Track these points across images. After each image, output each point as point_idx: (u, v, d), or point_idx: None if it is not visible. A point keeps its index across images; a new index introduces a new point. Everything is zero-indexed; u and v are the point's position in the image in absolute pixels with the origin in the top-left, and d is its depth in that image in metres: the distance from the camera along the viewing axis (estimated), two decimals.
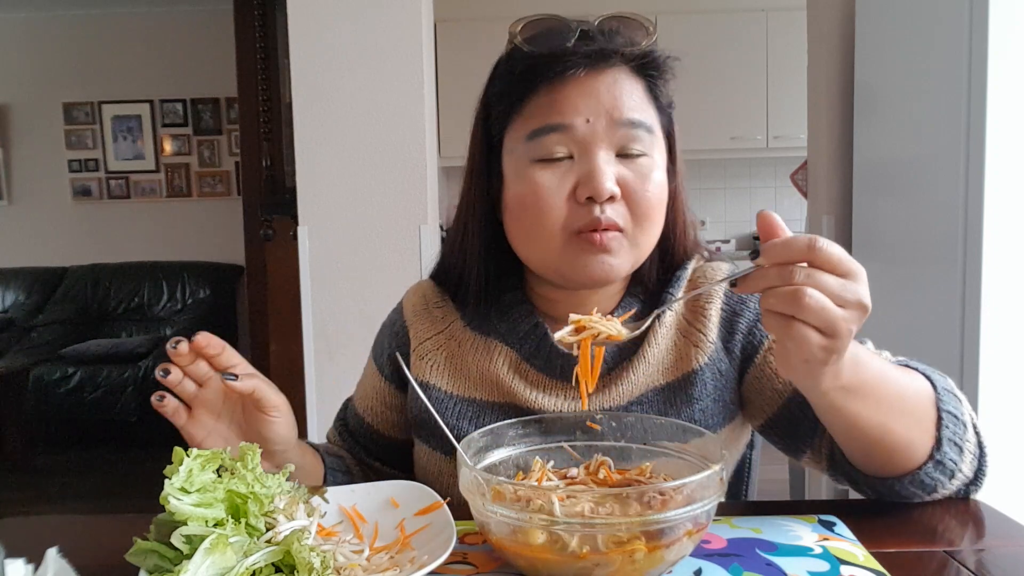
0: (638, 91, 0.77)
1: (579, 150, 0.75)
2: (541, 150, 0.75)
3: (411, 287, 0.97)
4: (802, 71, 2.55)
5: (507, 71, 0.80)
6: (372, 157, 2.10)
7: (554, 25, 0.78)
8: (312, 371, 2.14)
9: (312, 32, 2.07)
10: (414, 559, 0.59)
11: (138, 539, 0.55)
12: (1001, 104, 1.62)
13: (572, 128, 0.74)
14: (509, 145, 0.79)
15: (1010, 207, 1.64)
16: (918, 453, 0.68)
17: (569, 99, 0.75)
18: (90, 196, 4.93)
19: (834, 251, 0.55)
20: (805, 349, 0.56)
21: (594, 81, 0.75)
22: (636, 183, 0.75)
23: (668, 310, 0.84)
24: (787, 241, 0.56)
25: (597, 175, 0.73)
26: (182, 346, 0.71)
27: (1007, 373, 1.65)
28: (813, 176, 2.44)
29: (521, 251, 0.82)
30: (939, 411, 0.68)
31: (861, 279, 0.56)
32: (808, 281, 0.55)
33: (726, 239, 4.61)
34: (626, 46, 0.76)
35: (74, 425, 4.03)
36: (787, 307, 0.55)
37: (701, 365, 0.82)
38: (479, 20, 4.16)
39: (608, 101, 0.75)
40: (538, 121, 0.75)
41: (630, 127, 0.75)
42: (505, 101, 0.79)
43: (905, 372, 0.69)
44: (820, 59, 2.36)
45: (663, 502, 0.56)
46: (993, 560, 0.63)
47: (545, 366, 0.83)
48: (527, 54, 0.76)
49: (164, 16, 4.78)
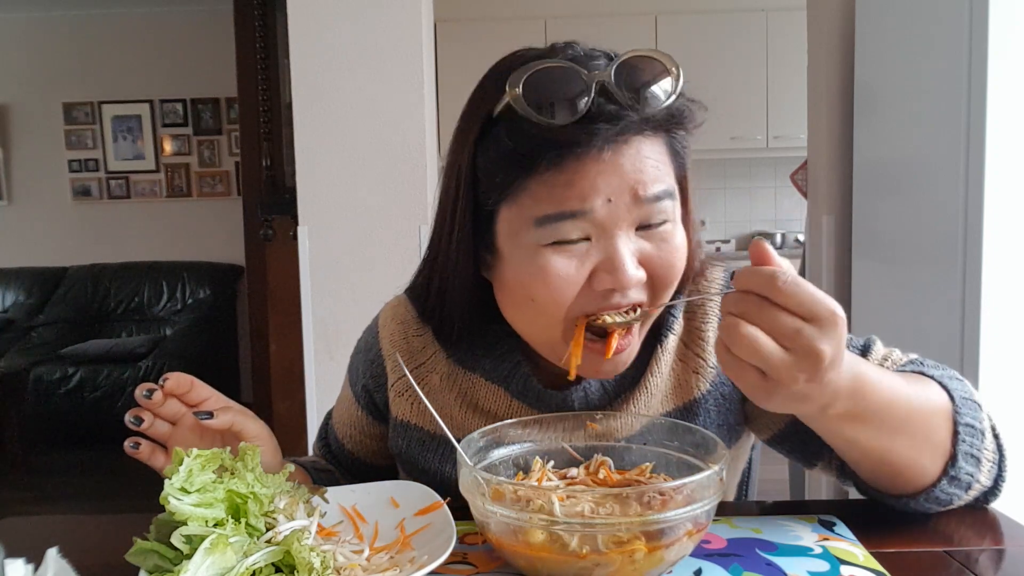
0: (660, 152, 0.66)
1: (597, 232, 0.64)
2: (553, 235, 0.64)
3: (386, 308, 0.88)
4: (802, 71, 2.55)
5: (507, 141, 0.65)
6: (372, 157, 2.09)
7: (565, 78, 0.63)
8: (312, 371, 2.14)
9: (312, 32, 2.07)
10: (414, 559, 0.59)
11: (138, 539, 0.55)
12: (1001, 104, 1.62)
13: (591, 212, 0.63)
14: (509, 223, 0.67)
15: (1010, 207, 1.64)
16: (929, 471, 0.64)
17: (588, 179, 0.62)
18: (90, 196, 4.93)
19: (799, 290, 0.51)
20: (740, 383, 0.54)
21: (617, 156, 0.63)
22: (660, 258, 0.67)
23: (671, 334, 0.79)
24: (754, 270, 0.53)
25: (621, 265, 0.64)
26: (156, 396, 0.69)
27: (1007, 373, 1.65)
28: (813, 176, 2.44)
29: (514, 326, 0.74)
30: (955, 425, 0.64)
31: (827, 325, 0.51)
32: (755, 315, 0.52)
33: (726, 239, 4.61)
34: (652, 103, 0.63)
35: (74, 425, 4.03)
36: (724, 335, 0.53)
37: (703, 393, 0.78)
38: (479, 20, 4.17)
39: (633, 176, 0.63)
40: (550, 206, 0.64)
41: (655, 201, 0.65)
42: (503, 176, 0.65)
43: (918, 386, 0.64)
44: (820, 59, 2.36)
45: (663, 502, 0.56)
46: (993, 560, 0.63)
47: (537, 404, 0.78)
48: (532, 123, 0.62)
49: (164, 16, 4.78)
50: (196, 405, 0.71)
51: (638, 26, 4.23)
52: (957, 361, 1.69)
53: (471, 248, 0.71)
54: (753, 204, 4.72)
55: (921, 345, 1.82)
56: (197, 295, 4.68)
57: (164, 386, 0.69)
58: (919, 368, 0.70)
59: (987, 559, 0.62)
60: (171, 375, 0.70)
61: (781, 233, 4.52)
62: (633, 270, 0.65)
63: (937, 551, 0.63)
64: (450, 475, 0.79)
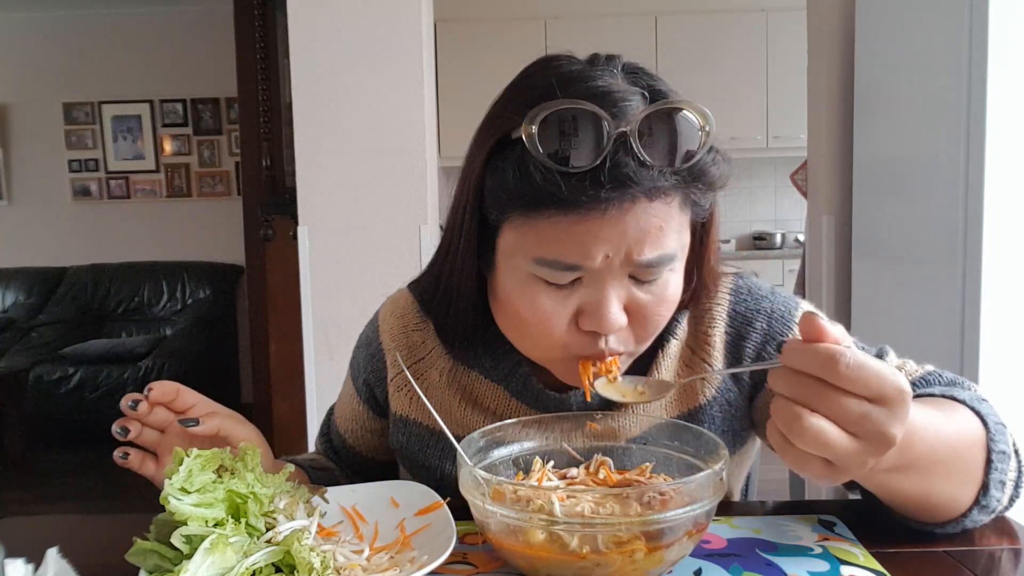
0: (671, 211, 0.63)
1: (589, 278, 0.64)
2: (548, 276, 0.64)
3: (388, 302, 0.89)
4: (802, 71, 2.55)
5: (516, 172, 0.62)
6: (372, 157, 2.10)
7: (585, 124, 0.59)
8: (312, 371, 2.14)
9: (312, 32, 2.07)
10: (414, 559, 0.59)
11: (138, 539, 0.55)
12: (1001, 104, 1.62)
13: (590, 268, 0.63)
14: (508, 244, 0.66)
15: (1010, 207, 1.64)
16: (962, 504, 0.62)
17: (590, 234, 0.61)
18: (90, 196, 4.93)
19: (865, 373, 0.47)
20: (804, 472, 0.50)
21: (622, 214, 0.60)
22: (648, 308, 0.66)
23: (673, 338, 0.78)
24: (809, 348, 0.48)
25: (605, 312, 0.64)
26: (142, 407, 0.69)
27: (1007, 373, 1.65)
28: (813, 176, 2.44)
29: (505, 335, 0.74)
30: (989, 452, 0.61)
31: (895, 406, 0.47)
32: (818, 402, 0.47)
33: (726, 239, 4.61)
34: (672, 166, 0.60)
35: (74, 425, 4.02)
36: (783, 427, 0.49)
37: (708, 399, 0.77)
38: (479, 20, 4.17)
39: (634, 237, 0.61)
40: (548, 251, 0.63)
41: (649, 266, 0.63)
42: (507, 203, 0.64)
43: (956, 419, 0.61)
44: (820, 59, 2.36)
45: (663, 502, 0.56)
46: (993, 560, 0.63)
47: (536, 404, 0.79)
48: (545, 167, 0.60)
49: (164, 16, 4.78)
50: (183, 412, 0.71)
51: (638, 26, 4.23)
52: (957, 361, 1.69)
53: (475, 251, 0.70)
54: (753, 204, 4.72)
55: (921, 345, 1.82)
56: (197, 295, 4.68)
57: (149, 396, 0.69)
58: (947, 390, 0.67)
59: (987, 559, 0.62)
60: (155, 384, 0.70)
61: (781, 233, 4.52)
62: (616, 316, 0.64)
63: (937, 551, 0.63)
64: (450, 472, 0.79)
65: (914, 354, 0.77)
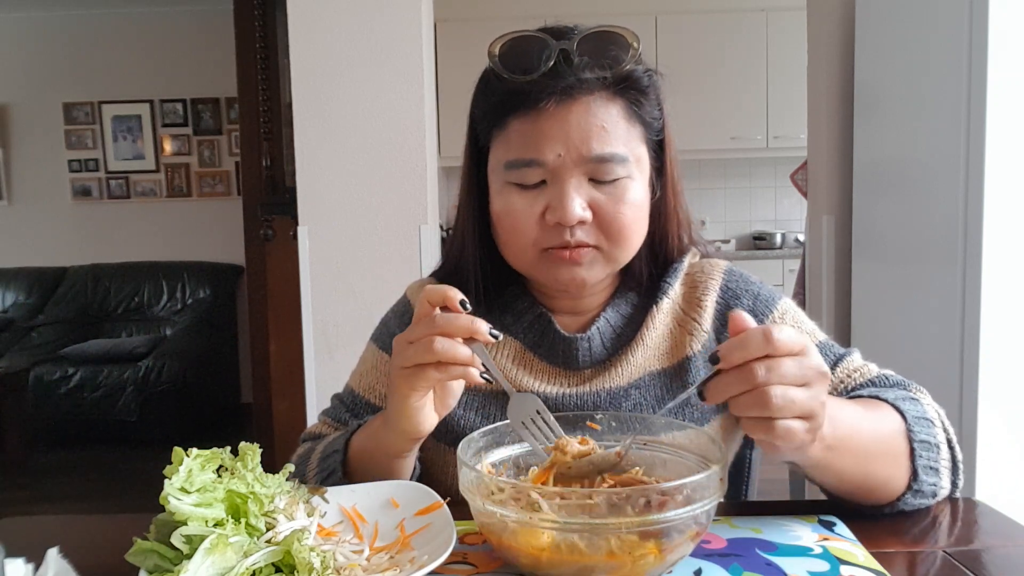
0: (614, 117, 0.76)
1: (551, 177, 0.77)
2: (516, 177, 0.78)
3: (412, 284, 0.98)
4: (802, 71, 2.55)
5: (486, 93, 0.81)
6: (372, 157, 2.10)
7: (532, 47, 0.76)
8: (312, 371, 2.14)
9: (312, 32, 2.07)
10: (414, 559, 0.59)
11: (138, 539, 0.55)
12: (1001, 104, 1.62)
13: (544, 162, 0.75)
14: (492, 162, 0.81)
15: (1010, 207, 1.64)
16: (898, 486, 0.69)
17: (541, 132, 0.75)
18: (90, 196, 4.92)
19: (785, 335, 0.55)
20: (793, 439, 0.57)
21: (566, 112, 0.75)
22: (609, 206, 0.77)
23: (664, 297, 0.87)
24: (742, 340, 0.56)
25: (565, 203, 0.75)
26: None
27: (1007, 373, 1.65)
28: (813, 176, 2.44)
29: (506, 257, 0.84)
30: (911, 443, 0.70)
31: (811, 348, 0.57)
32: (769, 378, 0.55)
33: (726, 239, 4.61)
34: (604, 68, 0.75)
35: (74, 425, 4.03)
36: (760, 410, 0.55)
37: (695, 352, 0.85)
38: (479, 20, 4.17)
39: (577, 136, 0.75)
40: (513, 153, 0.77)
41: (599, 162, 0.75)
42: (485, 123, 0.81)
43: (873, 410, 0.71)
44: (820, 59, 2.36)
45: (663, 502, 0.56)
46: (993, 560, 0.63)
47: (548, 354, 0.86)
48: (502, 79, 0.76)
49: (164, 16, 4.78)
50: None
51: (638, 26, 4.16)
52: (957, 361, 1.69)
53: (476, 185, 0.84)
54: (753, 204, 4.72)
55: (921, 345, 1.82)
56: (197, 295, 4.68)
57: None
58: (877, 391, 0.76)
59: (987, 559, 0.63)
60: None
61: (781, 233, 4.52)
62: (576, 209, 0.75)
63: (937, 551, 0.63)
64: (474, 421, 0.84)
65: (914, 354, 0.78)
